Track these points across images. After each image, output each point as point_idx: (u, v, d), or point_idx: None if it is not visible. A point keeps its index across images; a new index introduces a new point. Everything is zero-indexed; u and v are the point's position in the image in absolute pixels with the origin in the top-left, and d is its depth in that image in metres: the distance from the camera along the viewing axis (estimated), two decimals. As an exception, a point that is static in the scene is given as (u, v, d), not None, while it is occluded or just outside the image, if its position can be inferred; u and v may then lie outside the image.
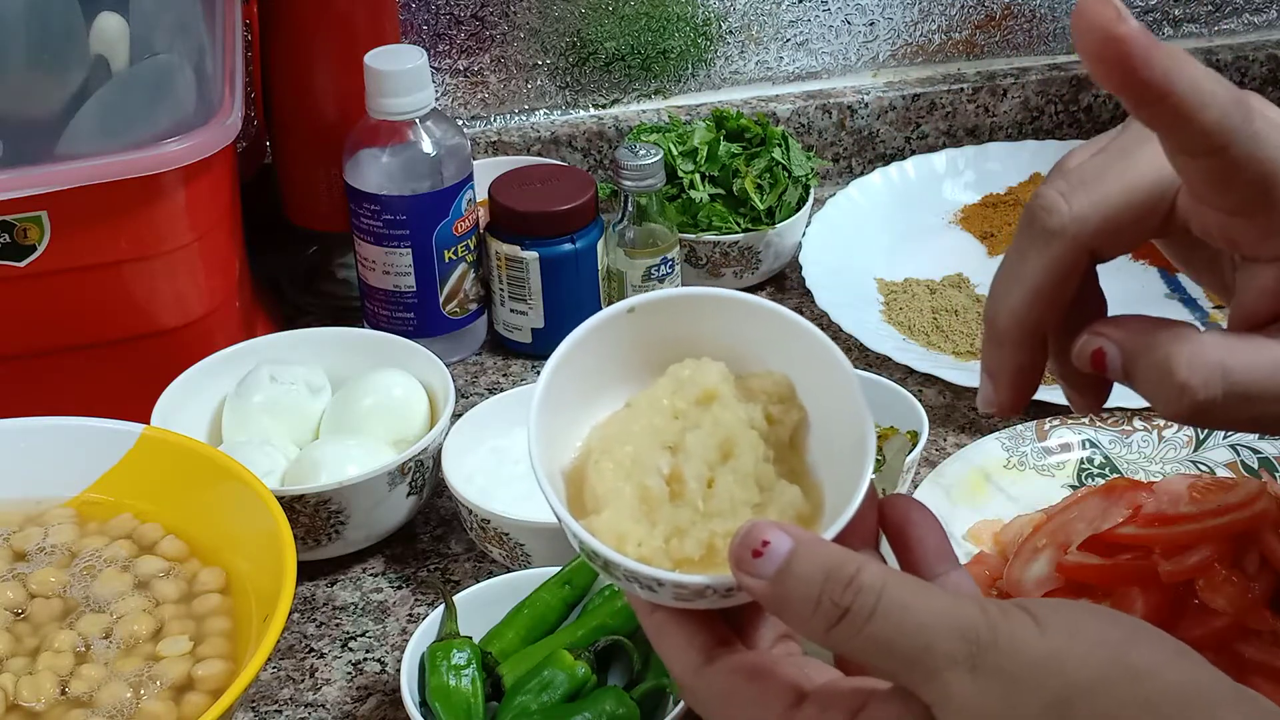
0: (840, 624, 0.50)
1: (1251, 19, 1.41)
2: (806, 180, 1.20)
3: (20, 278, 0.94)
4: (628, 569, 0.53)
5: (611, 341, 0.58)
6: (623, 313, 0.58)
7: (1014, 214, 1.26)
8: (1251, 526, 0.84)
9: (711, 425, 0.56)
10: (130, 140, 0.93)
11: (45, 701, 0.76)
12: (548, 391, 0.56)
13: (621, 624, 0.83)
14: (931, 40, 1.37)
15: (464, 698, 0.79)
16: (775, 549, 0.51)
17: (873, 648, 0.50)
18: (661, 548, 0.54)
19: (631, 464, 0.56)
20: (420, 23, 1.26)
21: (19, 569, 0.83)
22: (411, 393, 0.99)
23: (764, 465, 0.56)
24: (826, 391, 0.57)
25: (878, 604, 0.50)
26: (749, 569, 0.51)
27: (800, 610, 0.51)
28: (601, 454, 0.56)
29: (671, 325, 0.58)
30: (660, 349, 0.58)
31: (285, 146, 1.17)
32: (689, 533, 0.55)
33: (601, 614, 0.83)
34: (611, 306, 0.58)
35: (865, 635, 0.50)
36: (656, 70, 1.32)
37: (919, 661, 0.50)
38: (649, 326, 0.58)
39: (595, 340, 0.57)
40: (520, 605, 0.84)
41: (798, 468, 0.58)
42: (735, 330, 0.58)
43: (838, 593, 0.50)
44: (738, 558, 0.51)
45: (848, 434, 0.56)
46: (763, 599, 0.51)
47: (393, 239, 1.08)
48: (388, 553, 0.97)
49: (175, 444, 0.87)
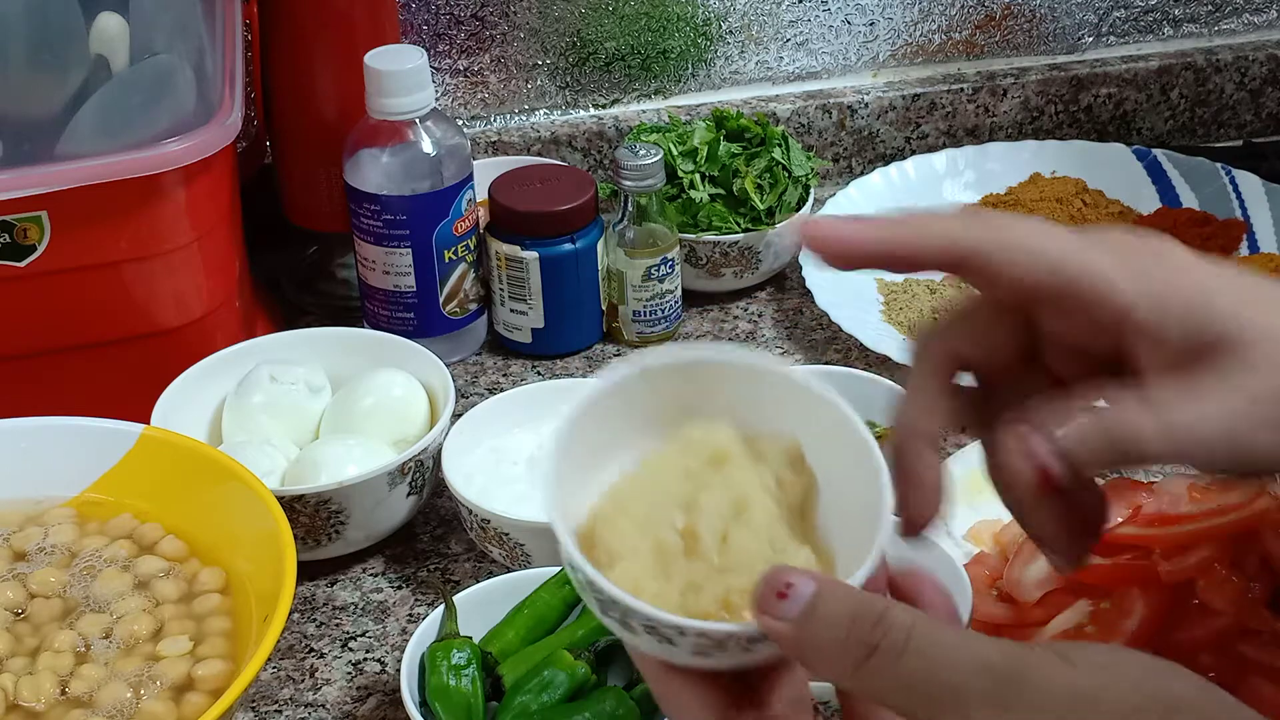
0: (869, 661, 0.50)
1: (1252, 19, 1.41)
2: (806, 180, 1.20)
3: (20, 278, 0.94)
4: (648, 617, 0.51)
5: (622, 403, 0.58)
6: (634, 375, 0.58)
7: (1014, 214, 1.26)
8: (1251, 527, 0.84)
9: (724, 485, 0.56)
10: (130, 140, 0.93)
11: (45, 701, 0.76)
12: (561, 453, 0.56)
13: None
14: (931, 40, 1.37)
15: (464, 698, 0.79)
16: (800, 591, 0.51)
17: (902, 686, 0.50)
18: (678, 601, 0.53)
19: (646, 520, 0.55)
20: (420, 23, 1.26)
21: (19, 569, 0.83)
22: (411, 393, 0.99)
23: (778, 525, 0.56)
24: (838, 454, 0.57)
25: (908, 641, 0.50)
26: (773, 611, 0.51)
27: (827, 650, 0.50)
28: (615, 511, 0.56)
29: (681, 386, 0.58)
30: (670, 409, 0.58)
31: (285, 146, 1.17)
32: (705, 587, 0.54)
33: None
34: (621, 368, 0.58)
35: (895, 672, 0.49)
36: (656, 70, 1.32)
37: (950, 700, 0.49)
38: (658, 388, 0.58)
39: (606, 402, 0.57)
40: (520, 605, 0.84)
41: (807, 534, 0.58)
42: (746, 392, 0.58)
43: (866, 631, 0.50)
44: (762, 600, 0.51)
45: (860, 497, 0.56)
46: (787, 642, 0.51)
47: (393, 239, 1.08)
48: (388, 553, 0.97)
49: (175, 444, 0.87)
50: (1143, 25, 1.40)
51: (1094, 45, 1.40)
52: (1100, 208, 1.26)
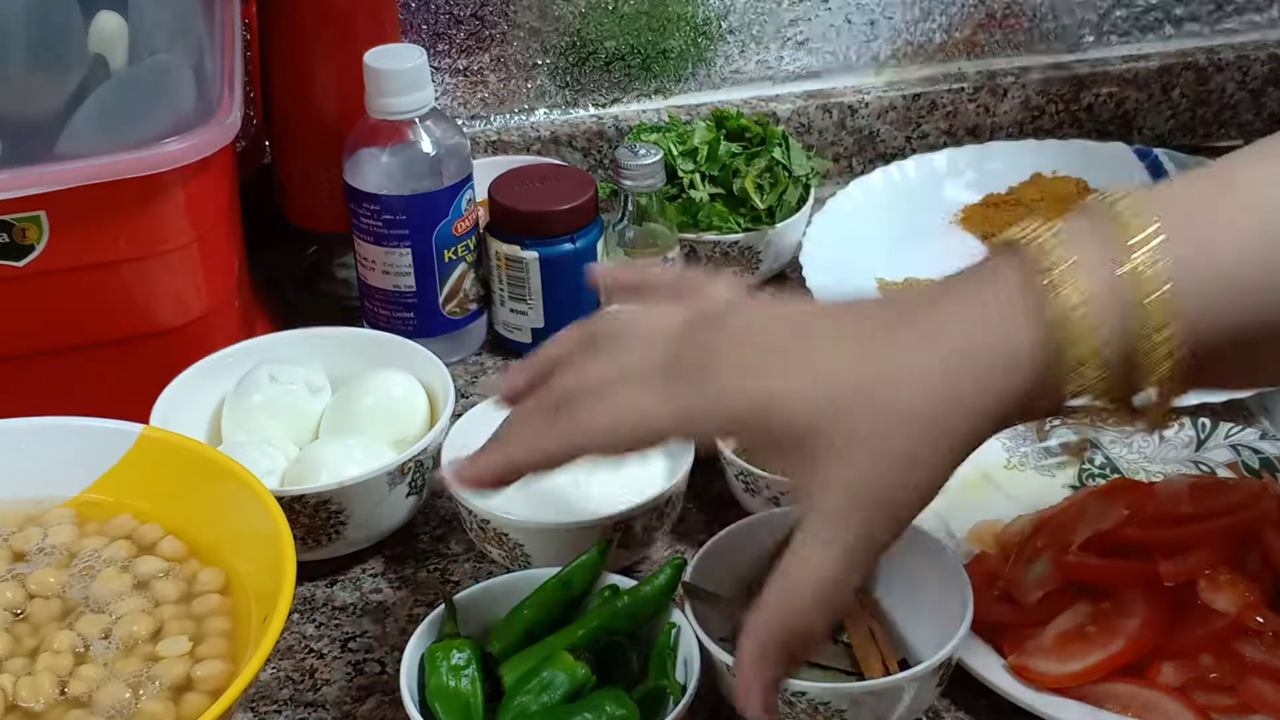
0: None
1: (1253, 18, 1.41)
2: (807, 180, 1.20)
3: (19, 277, 0.94)
4: None
5: None
6: None
7: (1015, 214, 1.26)
8: (1252, 527, 0.84)
9: None
10: (129, 140, 0.93)
11: (44, 702, 0.76)
12: None
13: (622, 625, 0.82)
14: (932, 39, 1.37)
15: (464, 698, 0.79)
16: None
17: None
18: None
19: None
20: (420, 22, 1.26)
21: (18, 569, 0.83)
22: (411, 393, 0.99)
23: None
24: None
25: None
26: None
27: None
28: None
29: None
30: None
31: (285, 146, 1.17)
32: None
33: (602, 615, 0.83)
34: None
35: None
36: (656, 70, 1.32)
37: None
38: None
39: None
40: (520, 605, 0.84)
41: None
42: None
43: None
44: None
45: None
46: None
47: (393, 239, 1.08)
48: (388, 553, 0.97)
49: (175, 444, 0.87)
50: (1144, 24, 1.40)
51: (1095, 44, 1.40)
52: (1101, 207, 1.26)
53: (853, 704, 0.76)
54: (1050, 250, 0.62)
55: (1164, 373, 0.61)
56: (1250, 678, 0.79)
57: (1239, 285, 0.61)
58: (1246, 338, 0.62)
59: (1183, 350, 0.60)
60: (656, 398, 0.66)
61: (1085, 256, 0.61)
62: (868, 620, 0.83)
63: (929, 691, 0.79)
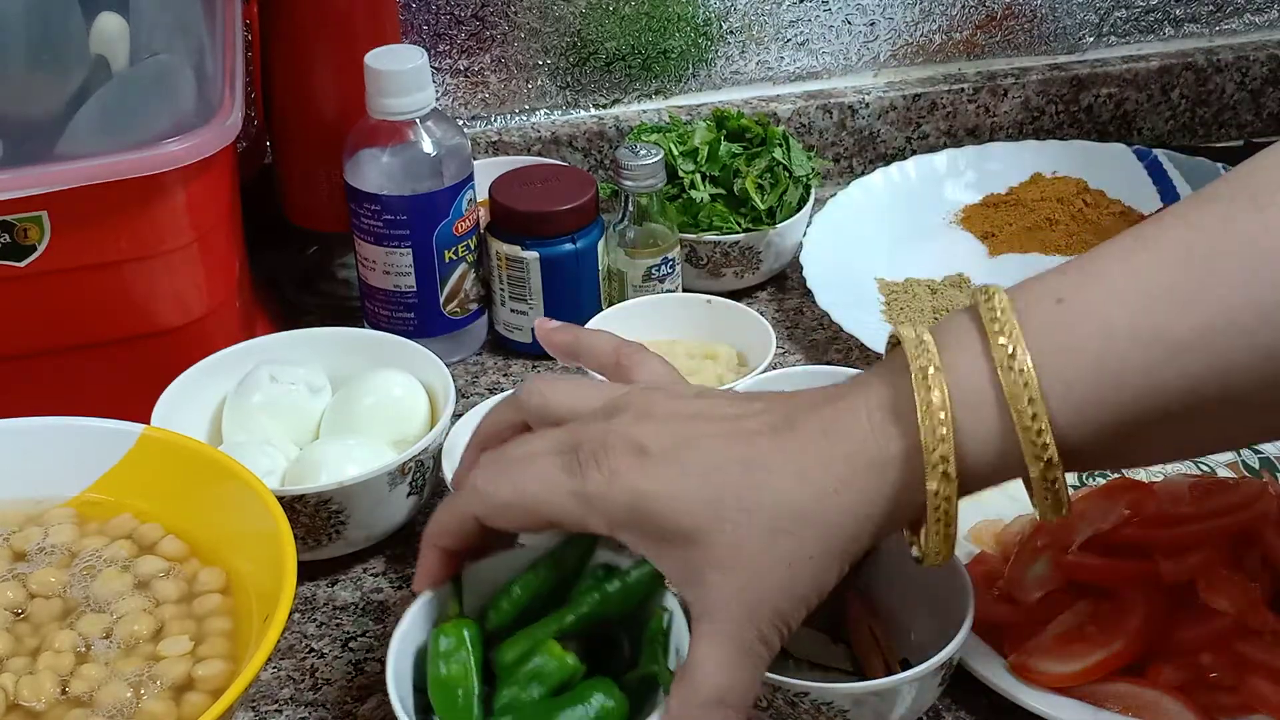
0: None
1: (1253, 19, 1.41)
2: (807, 180, 1.20)
3: (20, 278, 0.94)
4: None
5: None
6: None
7: (1015, 214, 1.26)
8: (1252, 526, 0.84)
9: None
10: (130, 140, 0.93)
11: (45, 701, 0.76)
12: None
13: (613, 610, 0.81)
14: (932, 40, 1.37)
15: (453, 684, 0.77)
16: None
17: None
18: None
19: None
20: (420, 23, 1.26)
21: (19, 569, 0.83)
22: (411, 393, 0.99)
23: None
24: None
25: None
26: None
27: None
28: None
29: None
30: None
31: (285, 146, 1.17)
32: None
33: (593, 599, 0.82)
34: None
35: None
36: (657, 70, 1.32)
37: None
38: None
39: None
40: (511, 583, 0.81)
41: None
42: None
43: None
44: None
45: None
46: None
47: (393, 239, 1.08)
48: (388, 553, 0.97)
49: (175, 444, 0.87)
50: (1143, 25, 1.40)
51: (1095, 45, 1.40)
52: (1101, 207, 1.26)
53: (855, 704, 0.76)
54: (917, 356, 0.65)
55: (1040, 470, 0.64)
56: (1250, 677, 0.79)
57: (1107, 379, 0.63)
58: (1126, 428, 0.64)
59: (1051, 450, 0.64)
60: (552, 484, 0.70)
61: (952, 361, 0.65)
62: (869, 620, 0.83)
63: (930, 691, 0.79)
